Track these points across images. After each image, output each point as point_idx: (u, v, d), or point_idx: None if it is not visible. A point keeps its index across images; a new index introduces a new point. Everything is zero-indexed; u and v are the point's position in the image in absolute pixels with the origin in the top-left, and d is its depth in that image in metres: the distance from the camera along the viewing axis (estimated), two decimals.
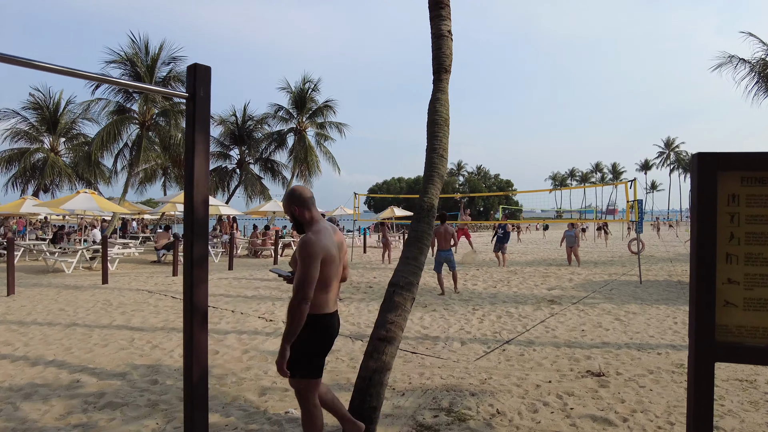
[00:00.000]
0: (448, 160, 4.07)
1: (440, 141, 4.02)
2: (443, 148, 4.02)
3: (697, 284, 2.34)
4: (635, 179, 11.44)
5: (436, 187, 3.94)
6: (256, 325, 6.78)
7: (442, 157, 3.99)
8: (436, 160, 3.97)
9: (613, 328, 6.53)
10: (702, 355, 2.34)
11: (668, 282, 11.21)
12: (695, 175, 2.40)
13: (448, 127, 4.13)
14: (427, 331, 6.40)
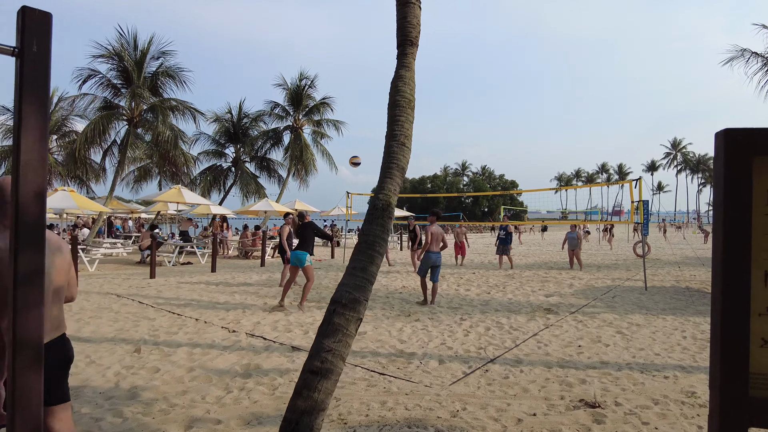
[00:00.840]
0: (411, 150, 3.37)
1: (401, 126, 3.33)
2: (405, 135, 3.32)
3: (723, 316, 1.63)
4: (640, 178, 10.69)
5: (395, 181, 3.24)
6: (215, 337, 6.10)
7: (403, 145, 3.29)
8: (395, 148, 3.27)
9: (614, 344, 5.80)
10: (729, 417, 1.63)
11: (675, 288, 10.46)
12: (720, 162, 1.68)
13: (412, 110, 3.43)
14: (403, 345, 5.70)
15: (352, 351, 5.37)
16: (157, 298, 8.95)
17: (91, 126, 16.89)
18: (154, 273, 11.85)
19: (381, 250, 3.03)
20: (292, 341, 5.86)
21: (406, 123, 3.33)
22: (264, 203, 19.63)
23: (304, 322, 6.91)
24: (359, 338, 5.99)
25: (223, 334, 6.31)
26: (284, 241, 10.43)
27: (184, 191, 16.64)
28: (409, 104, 3.40)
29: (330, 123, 26.87)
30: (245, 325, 6.75)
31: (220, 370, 4.77)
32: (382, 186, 3.19)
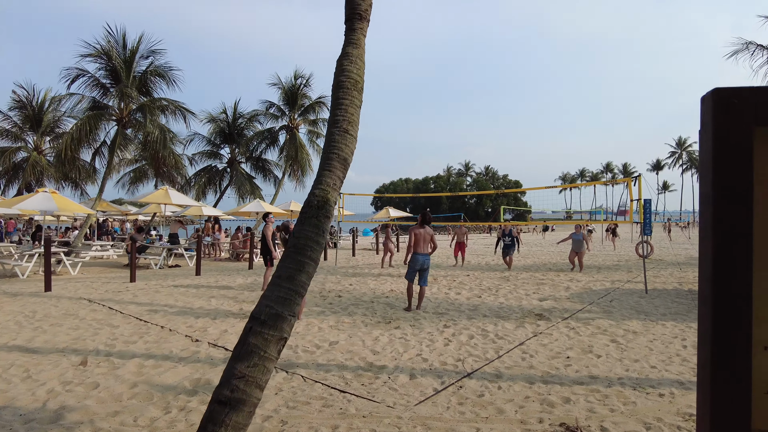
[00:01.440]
0: (357, 139, 2.89)
1: (345, 111, 2.86)
2: (349, 121, 2.85)
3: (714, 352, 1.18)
4: (640, 175, 10.17)
5: (335, 174, 2.78)
6: (175, 346, 5.65)
7: (346, 132, 2.83)
8: (336, 136, 2.81)
9: (607, 355, 5.30)
10: None
11: (678, 291, 9.92)
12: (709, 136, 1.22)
13: (359, 92, 2.97)
14: (375, 357, 5.21)
15: (317, 364, 4.91)
16: (129, 303, 8.51)
17: (77, 126, 16.50)
18: (134, 276, 11.42)
19: (314, 256, 2.56)
20: None
21: (351, 107, 2.86)
22: (255, 204, 19.15)
23: None
24: (328, 349, 5.52)
25: (184, 343, 5.86)
26: (270, 242, 9.99)
27: (172, 192, 16.21)
28: (356, 86, 2.94)
29: (326, 122, 26.41)
30: (211, 334, 6.29)
31: (166, 386, 4.31)
32: (319, 180, 2.73)
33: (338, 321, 7.04)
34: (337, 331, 6.38)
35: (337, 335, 6.14)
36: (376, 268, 14.74)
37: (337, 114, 2.84)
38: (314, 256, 2.55)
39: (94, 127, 17.23)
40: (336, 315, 7.49)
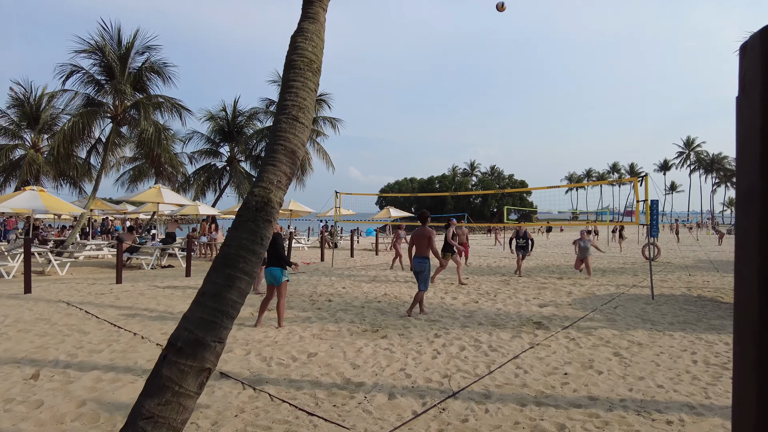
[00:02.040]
0: (310, 128, 2.46)
1: (296, 95, 2.43)
2: (300, 107, 2.42)
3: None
4: (646, 175, 9.67)
5: (280, 169, 2.35)
6: (142, 357, 5.24)
7: (296, 120, 2.39)
8: (284, 124, 2.39)
9: (609, 371, 4.84)
10: None
11: (686, 297, 9.41)
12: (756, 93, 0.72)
13: (314, 74, 2.53)
14: (354, 372, 4.77)
15: (289, 380, 4.48)
16: (109, 306, 8.13)
17: (69, 123, 16.18)
18: (120, 278, 11.04)
19: (248, 268, 2.13)
20: (225, 364, 4.97)
21: (303, 90, 2.43)
22: None
23: (252, 339, 6.03)
24: (305, 362, 5.10)
25: (153, 353, 5.45)
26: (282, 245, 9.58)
27: (164, 191, 15.85)
28: (310, 66, 2.50)
29: (326, 121, 26.01)
30: None
31: (118, 405, 3.89)
32: (260, 177, 2.30)
33: (322, 329, 6.61)
34: (318, 341, 5.95)
35: (317, 346, 5.70)
36: (372, 270, 14.31)
37: (286, 98, 2.41)
38: (248, 269, 2.12)
39: (87, 125, 16.89)
40: (322, 322, 7.06)
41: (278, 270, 6.85)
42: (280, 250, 6.89)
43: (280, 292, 6.94)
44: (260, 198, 2.21)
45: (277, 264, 6.87)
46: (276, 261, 6.87)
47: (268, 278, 6.92)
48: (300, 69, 2.48)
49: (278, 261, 6.86)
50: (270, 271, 6.87)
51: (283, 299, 6.97)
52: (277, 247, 6.88)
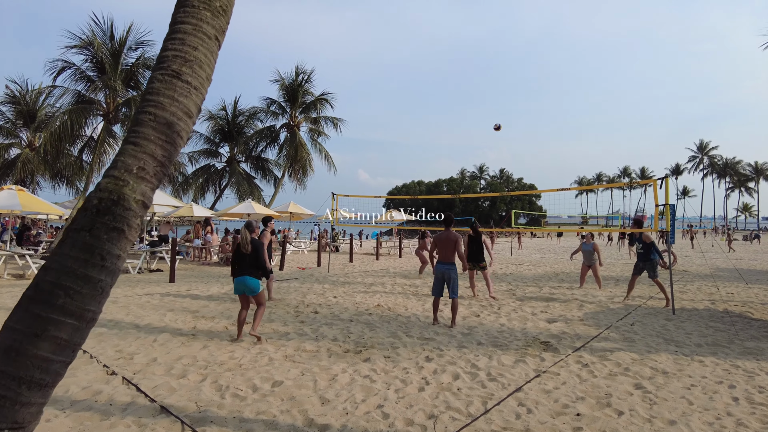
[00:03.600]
0: (203, 93, 1.66)
1: (181, 42, 1.65)
2: (186, 59, 1.65)
3: None
4: (667, 176, 8.77)
5: (146, 150, 1.56)
6: (79, 383, 4.47)
7: (178, 77, 1.61)
8: (157, 84, 1.61)
9: (630, 410, 3.97)
10: None
11: (711, 312, 8.49)
12: None
13: (215, 15, 1.77)
14: (321, 410, 3.95)
15: (240, 419, 3.66)
16: None
17: (57, 121, 15.57)
18: None
19: (73, 306, 1.36)
20: (168, 396, 4.17)
21: (194, 36, 1.67)
22: (246, 205, 17.99)
23: (214, 361, 5.23)
24: (266, 393, 4.28)
25: (95, 376, 4.68)
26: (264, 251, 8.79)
27: None
28: (209, 3, 1.70)
29: (328, 120, 25.25)
30: (136, 363, 5.10)
31: None
32: (114, 163, 1.51)
33: (298, 348, 5.80)
34: (289, 365, 5.14)
35: (287, 372, 4.89)
36: (370, 276, 13.49)
37: (168, 47, 1.63)
38: (74, 307, 1.34)
39: (77, 122, 16.26)
40: (300, 339, 6.25)
41: (256, 280, 6.17)
42: (261, 259, 6.19)
43: (259, 301, 6.29)
44: (106, 195, 1.43)
45: (254, 273, 6.18)
46: (254, 270, 6.18)
47: (240, 287, 6.17)
48: (193, 7, 1.70)
49: (257, 270, 6.18)
50: (243, 281, 6.14)
51: (263, 308, 6.32)
52: (258, 255, 6.19)
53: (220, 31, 1.79)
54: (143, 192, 1.57)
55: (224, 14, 1.81)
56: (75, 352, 1.47)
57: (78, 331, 1.41)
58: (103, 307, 6.17)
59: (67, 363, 1.45)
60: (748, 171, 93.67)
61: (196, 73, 1.71)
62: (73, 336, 1.40)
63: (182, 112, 1.65)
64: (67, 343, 1.39)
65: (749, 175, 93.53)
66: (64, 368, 1.44)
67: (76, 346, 1.44)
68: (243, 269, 6.15)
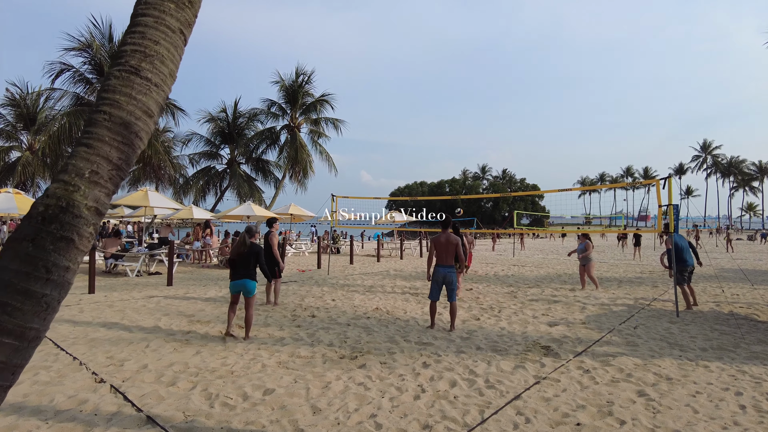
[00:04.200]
0: (166, 91, 1.54)
1: (141, 35, 1.50)
2: (147, 54, 1.50)
3: None
4: (670, 176, 8.61)
5: (100, 152, 1.43)
6: (65, 391, 4.35)
7: (136, 74, 1.46)
8: (114, 81, 1.47)
9: (633, 419, 3.83)
10: None
11: (716, 314, 8.33)
12: None
13: (180, 7, 1.63)
14: (314, 419, 3.82)
15: (228, 429, 3.54)
16: (65, 321, 7.29)
17: (57, 123, 15.51)
18: (93, 287, 10.23)
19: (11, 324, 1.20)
20: (156, 405, 4.05)
21: (156, 29, 1.54)
22: (245, 207, 17.88)
23: (206, 368, 5.11)
24: (257, 402, 4.15)
25: (82, 384, 4.57)
26: (276, 250, 8.84)
27: (151, 194, 15.07)
28: None
29: (329, 122, 25.16)
30: (126, 370, 4.98)
31: None
32: (65, 166, 1.38)
33: (293, 354, 5.68)
34: (283, 371, 5.02)
35: (279, 379, 4.77)
36: (370, 279, 13.36)
37: (127, 41, 1.52)
38: (14, 325, 1.20)
39: (75, 125, 16.20)
40: (295, 344, 6.13)
41: (253, 283, 6.36)
42: (261, 261, 6.45)
43: (249, 302, 6.38)
44: (54, 201, 1.31)
45: (252, 276, 6.37)
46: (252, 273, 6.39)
47: (236, 288, 6.38)
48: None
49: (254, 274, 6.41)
50: (244, 284, 6.33)
51: (252, 309, 6.40)
52: (258, 258, 6.42)
53: (185, 25, 1.68)
54: (96, 198, 1.45)
55: (190, 6, 1.69)
56: (16, 374, 1.35)
57: (18, 352, 1.29)
58: (101, 313, 6.05)
59: (6, 387, 1.33)
60: (752, 170, 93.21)
61: (157, 69, 1.59)
62: (13, 357, 1.27)
63: (141, 111, 1.53)
64: (5, 365, 1.26)
65: (753, 175, 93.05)
66: (3, 393, 1.31)
67: (17, 368, 1.32)
68: (241, 272, 6.32)
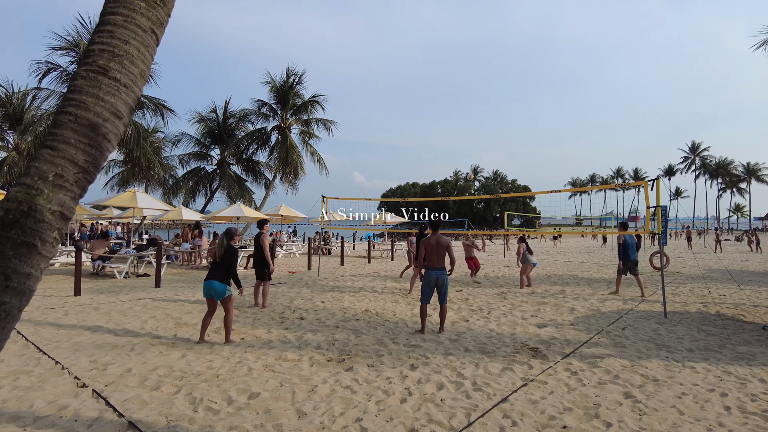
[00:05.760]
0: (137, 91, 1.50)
1: (110, 35, 1.45)
2: (115, 54, 1.46)
3: None
4: (658, 177, 8.66)
5: (65, 155, 1.39)
6: (46, 396, 4.27)
7: (104, 74, 1.43)
8: (80, 81, 1.43)
9: (619, 422, 3.83)
10: None
11: (703, 315, 8.38)
12: None
13: (152, 5, 1.56)
14: (298, 423, 3.78)
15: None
16: (49, 324, 7.18)
17: (43, 123, 15.31)
18: (79, 290, 10.09)
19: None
20: (138, 410, 3.99)
21: (125, 28, 1.49)
22: (235, 209, 17.77)
23: (191, 371, 5.05)
24: (241, 406, 4.10)
25: (63, 389, 4.48)
26: (267, 252, 8.77)
27: (139, 195, 14.92)
28: None
29: (320, 122, 25.08)
30: (109, 374, 4.91)
31: None
32: (27, 170, 1.35)
33: (280, 357, 5.63)
34: (269, 375, 4.97)
35: (265, 383, 4.72)
36: (360, 280, 13.32)
37: (95, 40, 1.47)
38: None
39: None
40: (283, 347, 6.08)
41: (223, 285, 6.21)
42: (233, 266, 6.28)
43: (226, 307, 6.30)
44: (14, 205, 1.26)
45: (221, 279, 6.22)
46: (221, 276, 6.23)
47: (207, 291, 6.25)
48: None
49: (224, 276, 6.24)
50: (211, 284, 6.20)
51: (230, 315, 6.32)
52: (231, 261, 6.26)
53: (157, 24, 1.63)
54: (61, 201, 1.40)
55: (163, 5, 1.64)
56: None
57: None
58: (86, 316, 5.95)
59: None
60: (740, 171, 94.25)
61: (127, 69, 1.54)
62: None
63: (109, 113, 1.48)
64: None
65: (741, 176, 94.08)
66: None
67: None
68: (212, 273, 6.23)
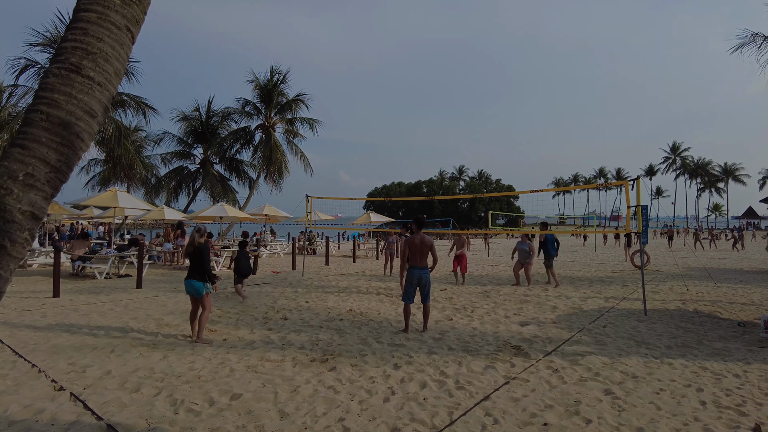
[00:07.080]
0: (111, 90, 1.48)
1: (83, 32, 1.44)
2: (89, 52, 1.44)
3: None
4: (638, 177, 8.81)
5: (36, 154, 1.37)
6: (21, 400, 4.18)
7: (77, 72, 1.40)
8: (52, 78, 1.40)
9: (599, 418, 3.89)
10: None
11: (681, 313, 8.55)
12: None
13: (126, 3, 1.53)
14: (280, 424, 3.76)
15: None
16: (26, 327, 7.03)
17: (18, 122, 14.96)
18: (57, 291, 9.89)
19: None
20: (117, 413, 3.93)
21: (99, 25, 1.46)
22: (218, 208, 17.59)
23: (173, 372, 4.99)
24: (222, 408, 4.07)
25: (40, 393, 4.39)
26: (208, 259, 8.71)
27: (120, 195, 14.67)
28: None
29: (304, 121, 24.97)
30: (88, 377, 4.82)
31: None
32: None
33: (262, 358, 5.59)
34: (251, 375, 4.93)
35: (247, 384, 4.68)
36: (345, 280, 13.30)
37: (68, 37, 1.45)
38: None
39: None
40: (265, 347, 6.04)
41: (199, 283, 6.33)
42: (205, 263, 6.37)
43: (203, 304, 6.38)
44: None
45: (198, 277, 6.35)
46: (198, 274, 6.36)
47: (186, 288, 6.39)
48: None
49: (200, 274, 6.36)
50: (190, 283, 6.34)
51: (207, 311, 6.39)
52: (202, 259, 6.36)
53: (132, 22, 1.60)
54: (32, 201, 1.37)
55: (138, 2, 1.61)
56: None
57: None
58: (65, 318, 5.83)
59: None
60: (717, 171, 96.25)
61: (101, 67, 1.51)
62: None
63: (82, 111, 1.46)
64: None
65: (719, 176, 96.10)
66: None
67: None
68: (191, 272, 6.39)
